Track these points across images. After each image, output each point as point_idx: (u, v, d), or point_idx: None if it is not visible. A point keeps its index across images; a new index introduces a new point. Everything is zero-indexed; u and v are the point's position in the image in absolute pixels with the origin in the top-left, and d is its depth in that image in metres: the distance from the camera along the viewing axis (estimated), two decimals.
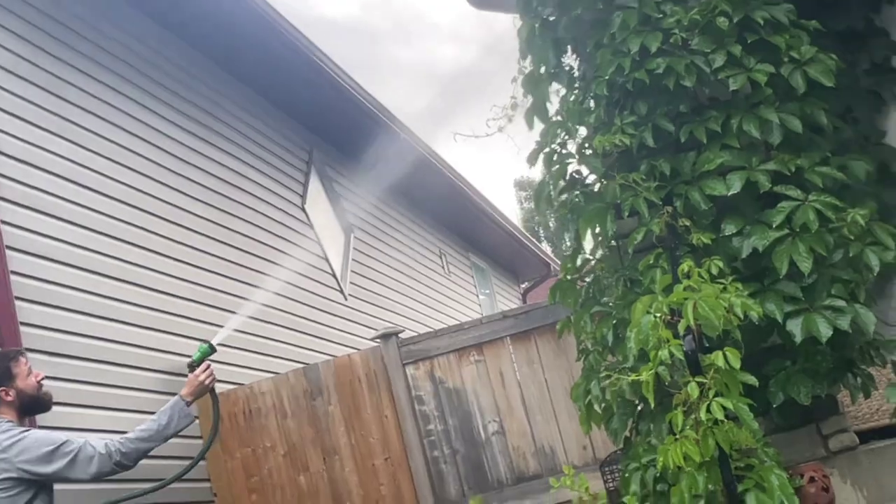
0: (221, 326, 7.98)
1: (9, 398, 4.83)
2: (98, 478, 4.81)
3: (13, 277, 5.93)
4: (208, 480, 7.28)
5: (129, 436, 4.91)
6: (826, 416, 4.67)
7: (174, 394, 7.12)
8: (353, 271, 11.00)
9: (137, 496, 5.32)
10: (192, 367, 5.25)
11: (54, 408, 5.87)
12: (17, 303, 5.90)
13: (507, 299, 17.02)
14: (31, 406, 4.93)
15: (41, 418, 5.66)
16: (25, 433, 4.75)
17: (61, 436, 4.82)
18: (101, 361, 6.53)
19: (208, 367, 5.21)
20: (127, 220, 7.23)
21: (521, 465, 6.89)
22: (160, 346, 7.20)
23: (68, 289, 6.43)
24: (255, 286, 8.74)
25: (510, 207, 36.40)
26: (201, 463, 7.23)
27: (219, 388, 7.42)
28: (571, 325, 5.03)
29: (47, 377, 5.94)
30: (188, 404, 5.08)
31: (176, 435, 5.07)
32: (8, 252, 5.94)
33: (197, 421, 5.18)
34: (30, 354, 5.85)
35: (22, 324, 5.89)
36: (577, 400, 4.83)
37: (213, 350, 5.28)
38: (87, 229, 6.78)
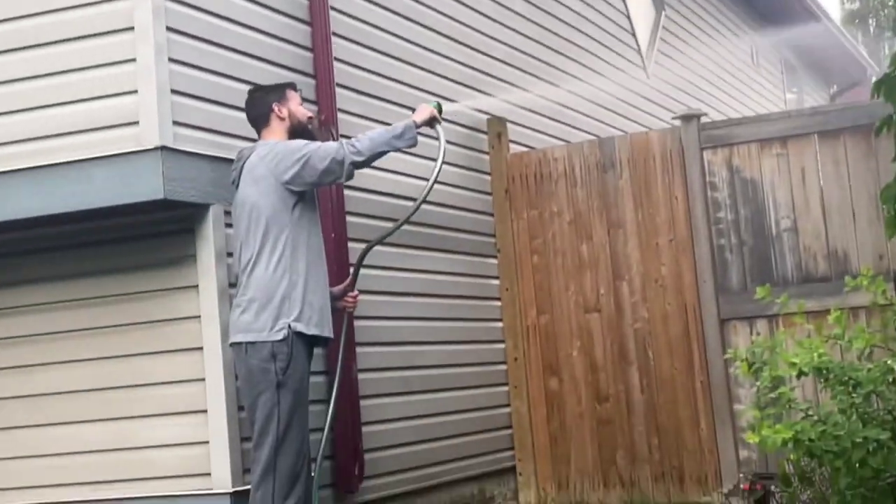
0: (521, 88, 8.03)
1: (281, 115, 5.10)
2: (325, 176, 4.95)
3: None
4: (493, 236, 7.45)
5: (360, 136, 5.06)
6: None
7: (469, 147, 7.37)
8: (658, 50, 10.70)
9: (395, 228, 5.49)
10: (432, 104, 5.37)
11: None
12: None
13: (814, 101, 16.25)
14: (301, 134, 5.12)
15: None
16: (279, 142, 5.02)
17: (303, 143, 5.01)
18: (405, 106, 6.68)
19: (439, 111, 5.29)
20: None
21: (809, 265, 6.69)
22: (462, 100, 7.30)
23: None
24: (557, 52, 8.65)
25: (831, 4, 34.32)
26: (488, 219, 7.43)
27: (512, 148, 7.57)
28: (893, 125, 4.74)
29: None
30: (417, 126, 5.18)
31: (397, 150, 5.17)
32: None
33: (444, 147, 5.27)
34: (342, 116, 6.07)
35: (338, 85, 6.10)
36: (885, 202, 4.60)
37: (440, 110, 5.39)
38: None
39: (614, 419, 7.11)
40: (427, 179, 5.32)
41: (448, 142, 6.93)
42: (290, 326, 4.80)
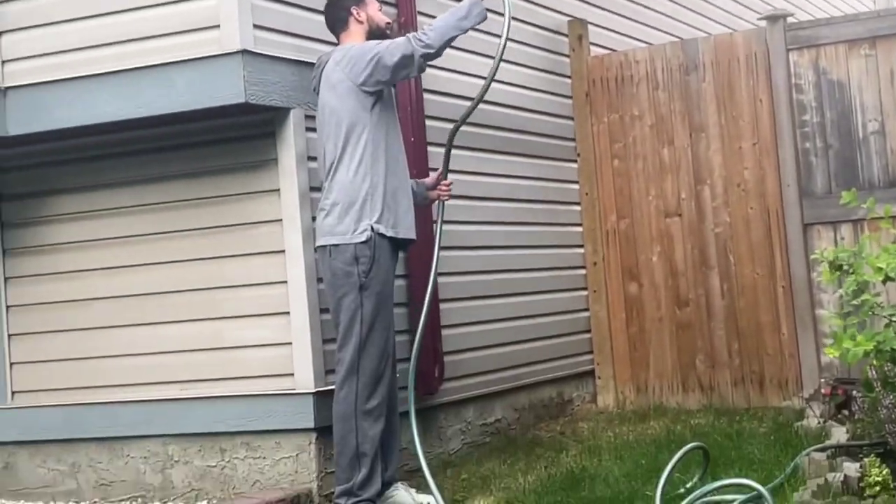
0: None
1: (360, 18, 5.11)
2: (397, 72, 4.92)
3: None
4: (573, 140, 7.40)
5: (427, 29, 5.00)
6: None
7: (549, 50, 7.28)
8: None
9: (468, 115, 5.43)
10: None
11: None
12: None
13: None
14: (379, 38, 5.09)
15: None
16: (353, 45, 5.01)
17: (375, 43, 4.99)
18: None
19: None
20: None
21: None
22: (542, 2, 7.20)
23: None
24: None
25: None
26: (568, 123, 7.37)
27: (593, 51, 7.46)
28: None
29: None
30: None
31: (466, 32, 5.06)
32: None
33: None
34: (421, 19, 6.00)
35: None
36: None
37: None
38: None
39: (694, 324, 7.09)
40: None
41: (527, 44, 6.94)
42: (372, 228, 4.84)
